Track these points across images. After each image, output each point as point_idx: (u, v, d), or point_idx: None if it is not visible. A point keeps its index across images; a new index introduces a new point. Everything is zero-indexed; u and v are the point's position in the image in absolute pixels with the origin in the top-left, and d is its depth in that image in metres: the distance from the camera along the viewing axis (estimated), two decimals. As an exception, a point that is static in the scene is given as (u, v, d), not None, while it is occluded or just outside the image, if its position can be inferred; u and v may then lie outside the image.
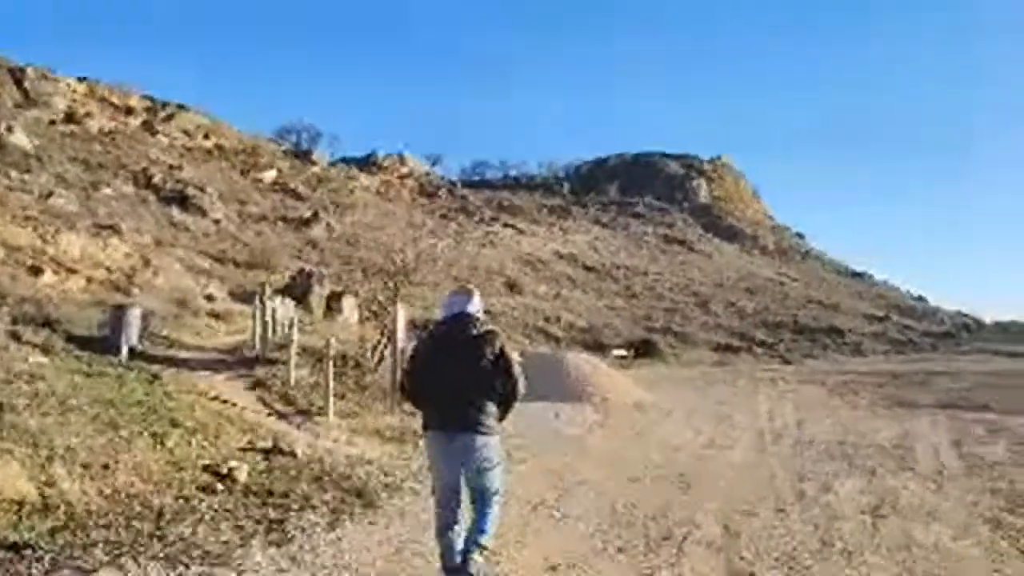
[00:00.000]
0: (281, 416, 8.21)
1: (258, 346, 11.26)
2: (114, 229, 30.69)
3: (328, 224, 45.90)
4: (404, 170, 79.94)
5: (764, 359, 45.11)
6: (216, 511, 5.19)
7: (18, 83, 44.92)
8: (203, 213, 41.30)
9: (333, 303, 28.52)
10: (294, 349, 9.69)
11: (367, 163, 75.80)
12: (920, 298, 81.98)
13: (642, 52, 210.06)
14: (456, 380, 4.01)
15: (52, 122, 45.84)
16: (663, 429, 11.16)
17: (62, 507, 4.52)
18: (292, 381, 9.57)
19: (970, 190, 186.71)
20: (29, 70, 46.18)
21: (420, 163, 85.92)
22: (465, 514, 4.21)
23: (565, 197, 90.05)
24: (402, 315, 9.71)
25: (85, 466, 5.14)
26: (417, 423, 5.10)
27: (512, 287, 50.01)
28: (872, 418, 13.75)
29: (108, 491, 4.94)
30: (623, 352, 36.46)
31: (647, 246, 76.36)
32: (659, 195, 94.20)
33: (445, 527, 4.13)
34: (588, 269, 62.03)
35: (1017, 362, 37.30)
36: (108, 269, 15.35)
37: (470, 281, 47.18)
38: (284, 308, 14.79)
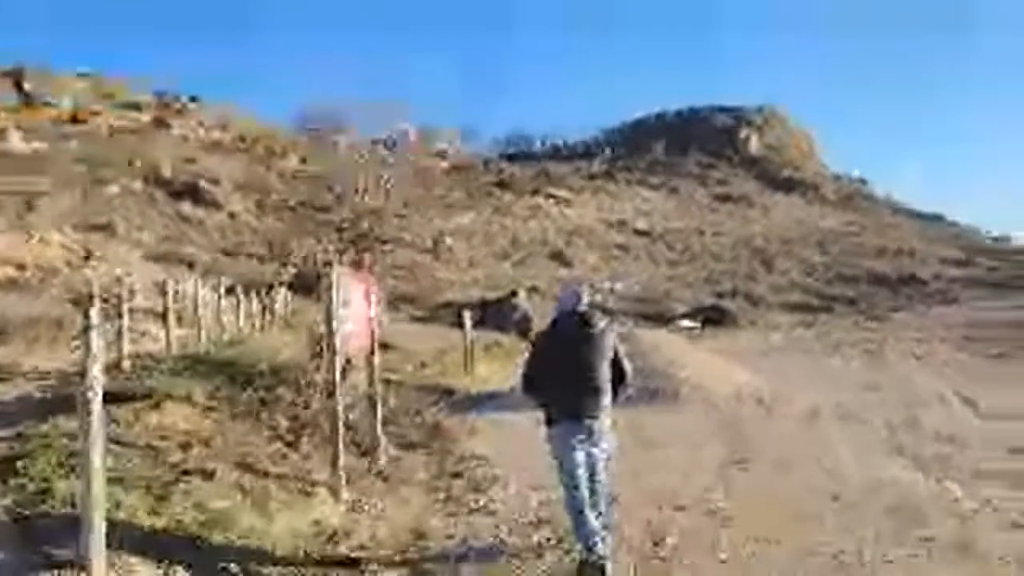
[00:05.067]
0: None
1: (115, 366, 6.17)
2: (108, 228, 27.59)
3: (353, 209, 42.40)
4: (437, 147, 76.20)
5: (848, 317, 39.95)
6: None
7: (17, 85, 42.28)
8: (217, 206, 38.12)
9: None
10: (95, 375, 3.25)
11: (397, 142, 72.07)
12: (1003, 238, 74.57)
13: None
14: (587, 371, 4.22)
15: (56, 123, 43.25)
16: (858, 465, 6.16)
17: None
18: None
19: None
20: (28, 70, 43.52)
21: (453, 138, 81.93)
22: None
23: (608, 162, 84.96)
24: (358, 294, 5.61)
25: None
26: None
27: (559, 258, 45.72)
28: None
29: None
30: (691, 323, 31.95)
31: (700, 205, 71.05)
32: (707, 151, 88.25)
33: (583, 507, 4.18)
34: (640, 234, 57.28)
35: None
36: (19, 266, 12.01)
37: (511, 256, 42.86)
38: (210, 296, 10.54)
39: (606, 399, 4.29)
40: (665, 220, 63.19)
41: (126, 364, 6.70)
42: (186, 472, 3.82)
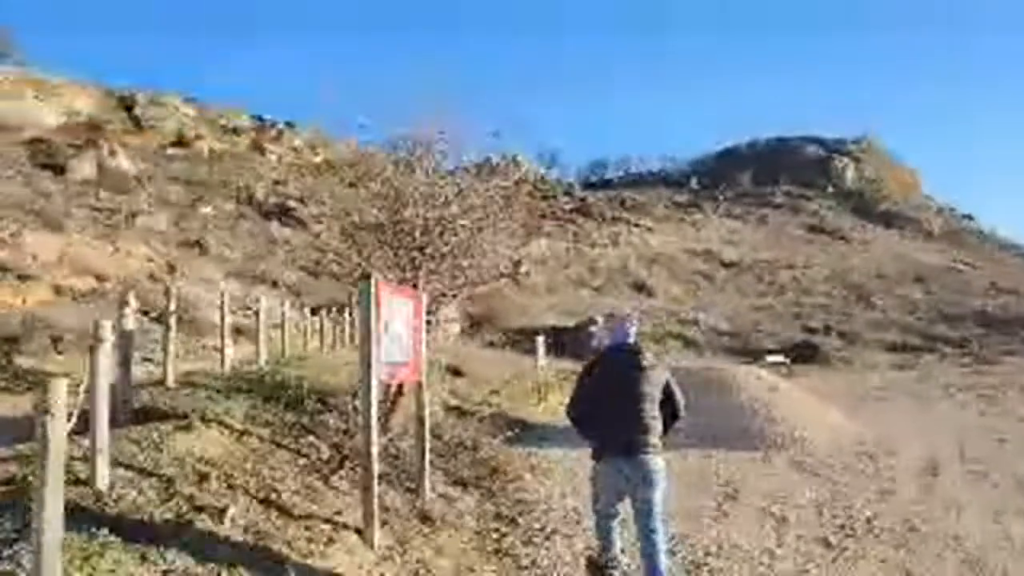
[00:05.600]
0: None
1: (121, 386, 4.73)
2: (197, 245, 28.54)
3: (437, 232, 42.71)
4: (518, 174, 76.41)
5: (953, 359, 37.03)
6: None
7: (128, 109, 44.94)
8: (304, 226, 39.17)
9: (430, 314, 24.97)
10: (59, 394, 2.41)
11: (480, 169, 72.57)
12: None
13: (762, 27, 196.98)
14: (636, 405, 4.06)
15: (162, 146, 45.60)
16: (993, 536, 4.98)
17: None
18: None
19: None
20: (139, 96, 46.21)
21: (535, 166, 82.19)
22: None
23: (694, 191, 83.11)
24: (402, 312, 5.00)
25: None
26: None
27: (640, 288, 44.52)
28: None
29: None
30: (780, 359, 30.20)
31: (790, 237, 68.22)
32: (799, 181, 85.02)
33: (609, 517, 4.16)
34: (726, 265, 55.32)
35: None
36: (101, 277, 12.23)
37: (590, 283, 41.97)
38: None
39: (655, 436, 4.08)
40: (753, 251, 60.91)
41: (171, 381, 6.36)
42: (199, 508, 3.33)
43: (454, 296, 7.71)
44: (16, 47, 44.14)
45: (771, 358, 30.34)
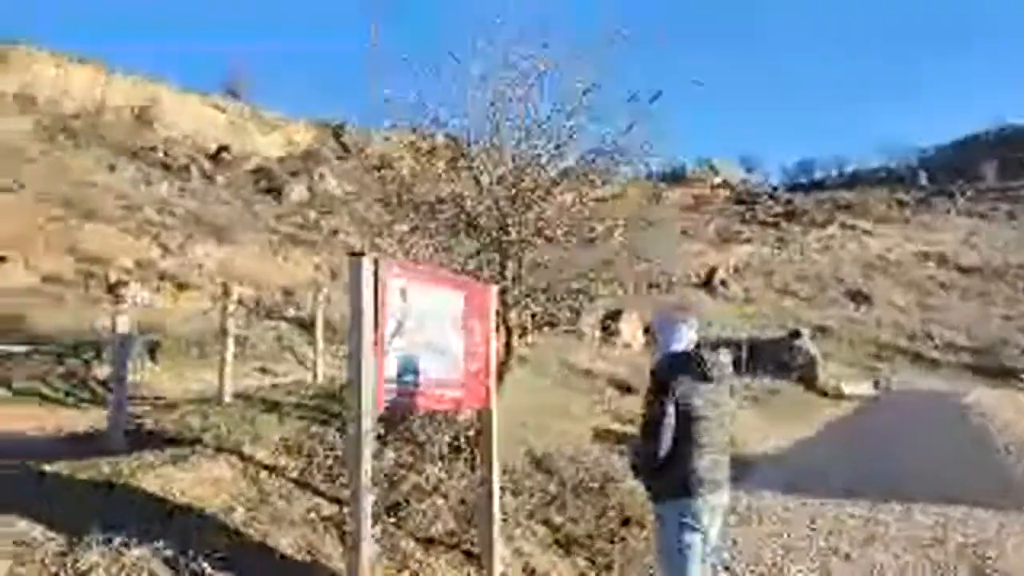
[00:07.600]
0: None
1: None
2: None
3: (621, 242, 41.35)
4: (716, 180, 72.89)
5: None
6: None
7: (337, 137, 48.58)
8: (488, 236, 39.52)
9: (611, 325, 23.71)
10: None
11: (676, 177, 69.85)
12: None
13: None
14: (719, 426, 3.32)
15: (367, 170, 48.67)
16: None
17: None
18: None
19: None
20: (348, 125, 49.77)
21: (735, 171, 78.14)
22: None
23: (923, 188, 73.55)
24: (450, 308, 3.56)
25: None
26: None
27: (857, 297, 39.46)
28: None
29: None
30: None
31: (1052, 236, 57.53)
32: (1061, 170, 71.92)
33: None
34: (964, 271, 47.75)
35: None
36: (259, 286, 12.41)
37: (796, 292, 37.61)
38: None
39: (727, 467, 3.33)
40: (1001, 253, 52.04)
41: (228, 396, 5.57)
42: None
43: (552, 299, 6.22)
44: (246, 88, 49.51)
45: (1029, 378, 25.06)
